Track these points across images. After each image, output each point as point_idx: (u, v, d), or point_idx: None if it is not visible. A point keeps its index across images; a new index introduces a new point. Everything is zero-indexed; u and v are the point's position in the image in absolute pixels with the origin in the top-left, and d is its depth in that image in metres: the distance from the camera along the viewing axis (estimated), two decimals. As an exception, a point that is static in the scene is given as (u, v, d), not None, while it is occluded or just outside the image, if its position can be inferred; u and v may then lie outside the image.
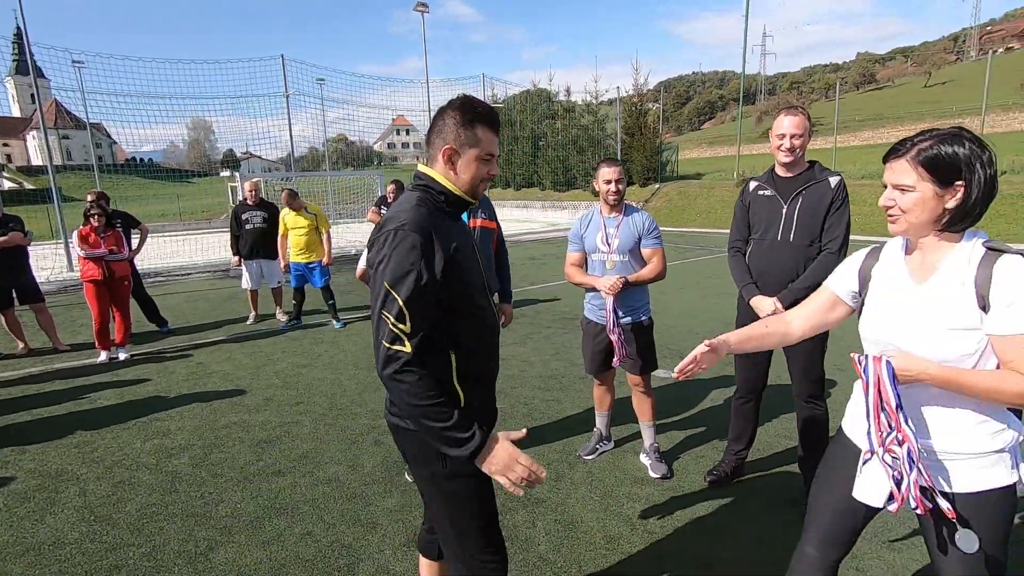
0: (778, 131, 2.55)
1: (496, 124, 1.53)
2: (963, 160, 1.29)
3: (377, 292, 1.39)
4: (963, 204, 1.31)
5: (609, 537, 2.61)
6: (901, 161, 1.35)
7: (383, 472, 3.27)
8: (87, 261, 5.48)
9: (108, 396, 4.65)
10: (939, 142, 1.31)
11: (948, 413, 1.37)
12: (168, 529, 2.76)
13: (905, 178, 1.34)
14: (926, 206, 1.32)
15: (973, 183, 1.29)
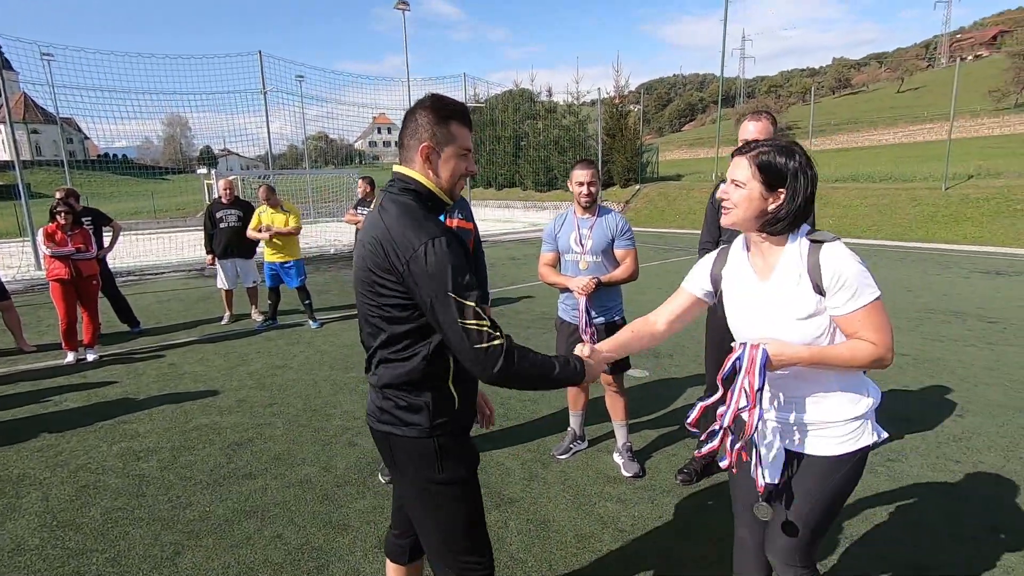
0: (743, 136, 2.59)
1: (468, 119, 1.54)
2: (790, 171, 1.45)
3: (442, 307, 1.35)
4: (779, 209, 1.47)
5: (580, 536, 2.62)
6: (742, 158, 1.50)
7: (356, 473, 3.25)
8: (53, 260, 5.35)
9: (74, 398, 4.54)
10: (775, 151, 1.47)
11: (814, 387, 1.53)
12: (133, 534, 2.71)
13: (740, 173, 1.49)
14: (752, 204, 1.47)
15: (792, 193, 1.45)
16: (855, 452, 1.53)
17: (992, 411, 3.88)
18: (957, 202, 14.25)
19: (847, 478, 1.54)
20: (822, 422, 1.53)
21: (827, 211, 16.10)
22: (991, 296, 7.46)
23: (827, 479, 1.53)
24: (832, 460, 1.53)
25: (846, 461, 1.53)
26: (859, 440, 1.53)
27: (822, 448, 1.54)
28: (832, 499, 1.55)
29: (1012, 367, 4.72)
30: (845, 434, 1.52)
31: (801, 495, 1.56)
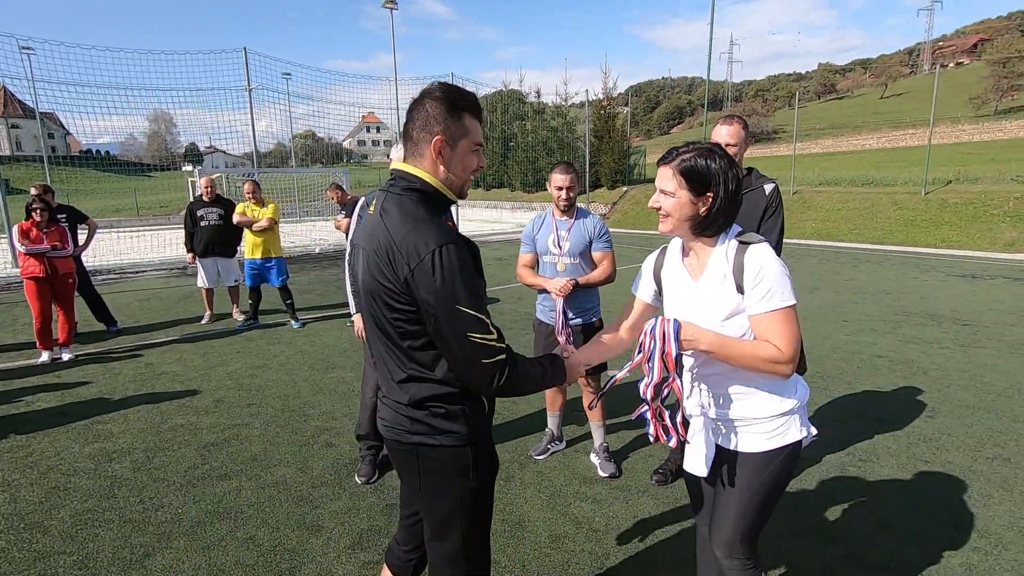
0: (715, 139, 2.62)
1: (480, 111, 1.45)
2: (712, 173, 1.48)
3: (449, 321, 1.29)
4: (710, 211, 1.51)
5: (554, 536, 2.64)
6: (667, 168, 1.54)
7: (332, 474, 3.23)
8: (28, 257, 5.26)
9: (47, 398, 4.47)
10: (696, 155, 1.50)
11: (740, 383, 1.57)
12: (103, 536, 2.67)
13: (667, 184, 1.53)
14: (683, 210, 1.52)
15: (719, 195, 1.49)
16: (783, 448, 1.57)
17: (962, 412, 3.95)
18: (936, 207, 14.50)
19: (778, 473, 1.59)
20: (749, 418, 1.58)
21: (810, 215, 16.31)
22: (966, 299, 7.61)
23: (758, 474, 1.58)
24: (761, 456, 1.58)
25: (775, 456, 1.57)
26: (785, 436, 1.57)
27: (750, 444, 1.59)
28: (766, 493, 1.60)
29: (983, 369, 4.82)
30: (771, 430, 1.57)
31: (737, 491, 1.61)
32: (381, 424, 1.56)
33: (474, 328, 1.30)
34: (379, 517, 2.79)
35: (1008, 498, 2.88)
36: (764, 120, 51.66)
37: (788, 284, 1.46)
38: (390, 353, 1.45)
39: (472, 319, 1.30)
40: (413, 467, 1.49)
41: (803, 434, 1.59)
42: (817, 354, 5.32)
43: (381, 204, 1.41)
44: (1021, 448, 3.41)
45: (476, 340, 1.31)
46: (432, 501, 1.50)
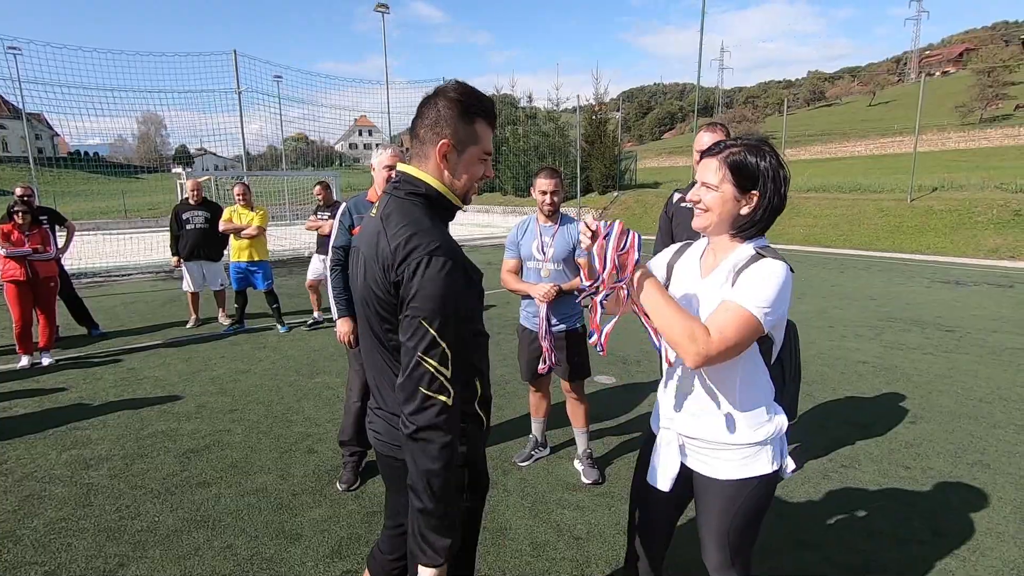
0: (698, 146, 2.63)
1: (495, 118, 1.37)
2: (762, 172, 1.39)
3: (410, 330, 1.20)
4: (754, 212, 1.42)
5: (536, 544, 2.62)
6: (713, 159, 1.43)
7: (314, 481, 3.20)
8: (8, 260, 5.18)
9: (25, 404, 4.39)
10: (747, 151, 1.40)
11: (713, 404, 1.49)
12: (76, 545, 2.62)
13: (711, 176, 1.42)
14: (725, 207, 1.42)
15: (766, 195, 1.40)
16: (754, 479, 1.48)
17: (943, 418, 3.99)
18: (922, 213, 14.67)
19: (752, 503, 1.50)
20: (718, 442, 1.49)
21: (798, 220, 16.44)
22: (950, 305, 7.69)
23: (732, 503, 1.50)
24: (732, 483, 1.49)
25: (746, 485, 1.48)
26: (754, 466, 1.48)
27: (719, 470, 1.50)
28: (743, 522, 1.52)
29: (964, 375, 4.87)
30: (742, 458, 1.48)
31: (714, 518, 1.54)
32: (373, 437, 1.49)
33: (431, 351, 1.19)
34: (359, 525, 2.76)
35: (987, 504, 2.90)
36: (754, 127, 52.13)
37: (771, 298, 1.33)
38: (386, 363, 1.37)
39: (431, 341, 1.19)
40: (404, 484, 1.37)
41: (775, 466, 1.49)
42: (801, 359, 5.34)
43: (383, 207, 1.35)
44: (1001, 454, 3.44)
45: (425, 364, 1.19)
46: None
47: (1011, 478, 3.14)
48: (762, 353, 1.47)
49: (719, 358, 1.31)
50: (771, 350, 1.49)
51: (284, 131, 24.23)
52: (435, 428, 1.19)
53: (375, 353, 1.41)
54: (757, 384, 1.48)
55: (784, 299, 1.37)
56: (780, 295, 1.35)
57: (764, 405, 1.50)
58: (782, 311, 1.38)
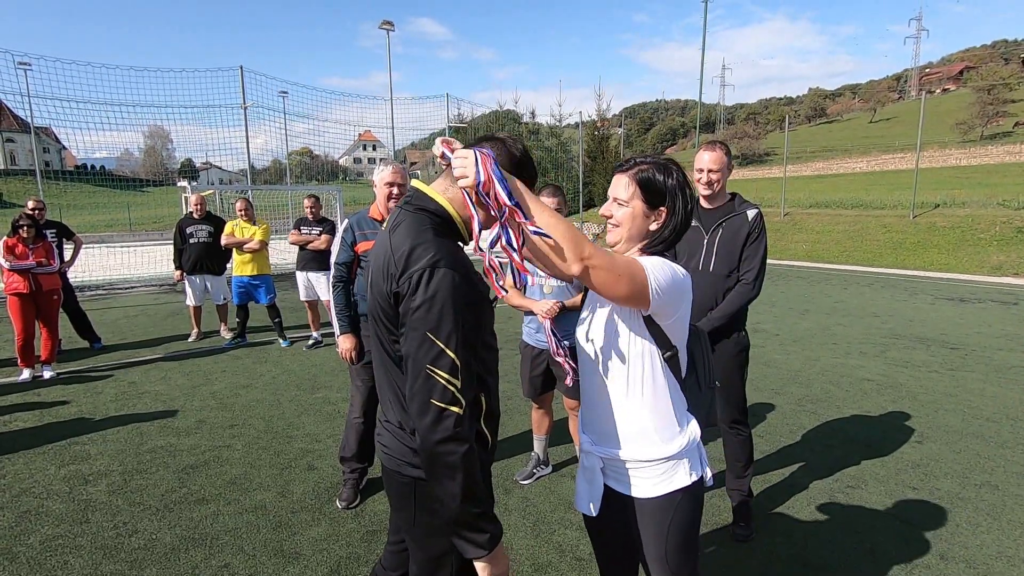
0: (697, 165, 2.64)
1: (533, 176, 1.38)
2: (669, 189, 1.43)
3: (415, 343, 1.20)
4: (662, 229, 1.46)
5: (537, 565, 2.58)
6: (623, 175, 1.47)
7: (313, 499, 3.17)
8: (12, 273, 5.20)
9: (26, 418, 4.38)
10: (655, 168, 1.44)
11: (625, 423, 1.47)
12: (72, 563, 2.59)
13: (622, 192, 1.46)
14: (635, 222, 1.45)
15: (674, 211, 1.44)
16: (675, 492, 1.46)
17: (950, 437, 3.94)
18: (924, 230, 14.68)
19: (682, 518, 1.48)
20: (635, 460, 1.47)
21: (800, 236, 16.45)
22: (955, 323, 7.65)
23: (663, 522, 1.47)
24: (657, 501, 1.46)
25: (672, 500, 1.46)
26: (673, 480, 1.46)
27: (641, 489, 1.48)
28: (679, 539, 1.48)
29: (971, 393, 4.82)
30: (658, 474, 1.46)
31: (651, 540, 1.50)
32: (380, 450, 1.47)
33: (441, 363, 1.19)
34: (359, 545, 2.73)
35: (996, 526, 2.86)
36: (756, 143, 52.43)
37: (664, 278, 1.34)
38: (393, 376, 1.37)
39: (439, 352, 1.19)
40: (409, 502, 1.38)
41: (694, 478, 1.47)
42: (805, 377, 5.31)
43: (392, 220, 1.36)
44: (1009, 475, 3.39)
45: (433, 374, 1.19)
46: (425, 539, 1.39)
47: (1020, 499, 3.09)
48: (670, 368, 1.46)
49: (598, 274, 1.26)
50: (678, 364, 1.47)
51: (289, 145, 24.45)
52: (454, 439, 1.18)
53: (383, 367, 1.41)
54: (667, 398, 1.47)
55: (677, 293, 1.38)
56: (674, 285, 1.36)
57: (676, 418, 1.48)
58: (673, 302, 1.38)
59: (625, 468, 1.49)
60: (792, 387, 5.02)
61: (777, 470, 3.49)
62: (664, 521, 1.47)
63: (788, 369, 5.57)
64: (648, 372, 1.43)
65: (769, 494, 3.20)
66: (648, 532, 1.49)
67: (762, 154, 51.08)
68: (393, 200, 2.99)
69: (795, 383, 5.14)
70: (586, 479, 1.56)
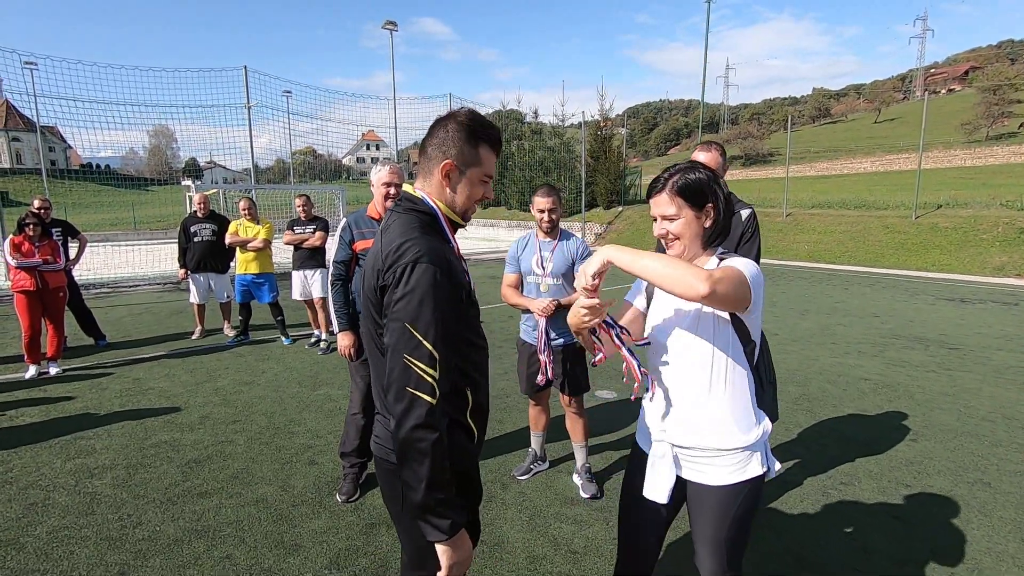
0: (692, 166, 2.68)
1: (499, 145, 1.46)
2: (706, 185, 1.52)
3: (395, 333, 1.26)
4: (716, 222, 1.54)
5: (532, 557, 2.63)
6: (662, 195, 1.55)
7: (314, 493, 3.22)
8: (19, 271, 5.28)
9: (32, 413, 4.45)
10: (684, 174, 1.54)
11: (708, 413, 1.55)
12: (78, 553, 2.65)
13: (668, 209, 1.54)
14: (691, 228, 1.54)
15: (717, 201, 1.53)
16: (746, 482, 1.55)
17: (944, 436, 3.97)
18: (927, 230, 14.64)
19: (744, 506, 1.57)
20: (712, 449, 1.55)
21: (803, 237, 16.44)
22: (954, 323, 7.66)
23: (728, 509, 1.56)
24: (725, 489, 1.55)
25: (740, 490, 1.55)
26: (746, 470, 1.55)
27: (714, 477, 1.56)
28: (737, 527, 1.58)
29: (967, 393, 4.85)
30: (734, 463, 1.55)
31: (710, 526, 1.58)
32: (373, 440, 1.52)
33: (415, 353, 1.24)
34: (358, 537, 2.78)
35: (987, 523, 2.89)
36: (759, 143, 52.32)
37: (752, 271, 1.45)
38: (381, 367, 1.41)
39: (416, 343, 1.24)
40: (396, 490, 1.41)
41: (764, 468, 1.58)
42: (803, 376, 5.34)
43: (385, 221, 1.45)
44: (1002, 473, 3.42)
45: (410, 364, 1.24)
46: (412, 528, 1.39)
47: (1012, 497, 3.13)
48: (746, 356, 1.54)
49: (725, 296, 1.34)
50: (753, 352, 1.56)
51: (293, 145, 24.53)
52: (425, 427, 1.24)
53: (374, 358, 1.47)
54: (743, 388, 1.55)
55: (761, 288, 1.48)
56: (760, 281, 1.47)
57: (753, 410, 1.57)
58: (759, 297, 1.48)
59: (701, 457, 1.57)
60: (789, 386, 5.05)
61: (772, 467, 3.53)
62: (731, 508, 1.56)
63: (786, 368, 5.60)
64: (731, 364, 1.52)
65: (764, 491, 3.23)
66: (710, 517, 1.57)
67: (766, 154, 50.96)
68: (390, 199, 3.04)
69: (792, 382, 5.17)
70: (658, 468, 1.61)
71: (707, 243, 1.57)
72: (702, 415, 1.55)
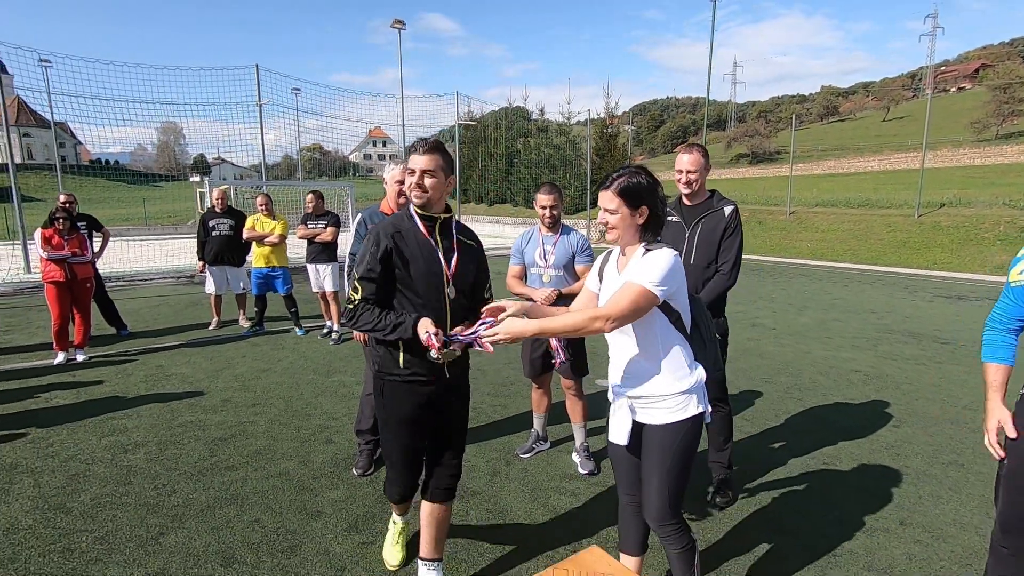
0: (678, 167, 2.92)
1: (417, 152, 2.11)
2: (644, 189, 1.86)
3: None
4: (648, 221, 1.88)
5: (533, 524, 2.87)
6: (607, 192, 1.89)
7: (332, 467, 3.48)
8: (49, 263, 5.56)
9: (64, 396, 4.73)
10: (628, 177, 1.86)
11: (647, 368, 1.92)
12: (120, 517, 2.92)
13: (610, 204, 1.89)
14: (625, 223, 1.89)
15: (655, 206, 1.87)
16: (685, 420, 1.90)
17: (926, 423, 4.19)
18: (929, 229, 14.78)
19: (685, 443, 1.92)
20: (655, 395, 1.91)
21: (805, 235, 16.58)
22: (950, 319, 7.84)
23: (668, 446, 1.91)
24: (668, 427, 1.90)
25: (679, 428, 1.90)
26: (686, 410, 1.90)
27: (658, 418, 1.92)
28: (680, 462, 1.92)
29: (953, 384, 5.05)
30: (674, 406, 1.90)
31: (656, 464, 1.93)
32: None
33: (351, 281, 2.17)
34: (374, 505, 3.03)
35: (956, 498, 3.11)
36: (766, 141, 52.22)
37: (661, 276, 1.77)
38: None
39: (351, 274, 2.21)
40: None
41: (701, 409, 1.92)
42: (796, 367, 5.56)
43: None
44: (976, 455, 3.64)
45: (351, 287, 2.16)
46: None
47: (982, 476, 3.34)
48: (674, 325, 1.90)
49: (623, 320, 1.76)
50: (681, 321, 1.92)
51: (300, 141, 24.80)
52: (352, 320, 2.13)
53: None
54: (675, 348, 1.91)
55: (672, 277, 1.80)
56: (669, 273, 1.79)
57: (685, 363, 1.92)
58: (675, 285, 1.83)
59: (649, 402, 1.92)
60: (782, 376, 5.27)
61: (758, 449, 3.76)
62: (673, 442, 1.91)
63: (780, 360, 5.82)
64: (662, 331, 1.89)
65: (749, 470, 3.46)
66: (658, 451, 1.92)
67: (773, 152, 50.86)
68: (402, 196, 3.28)
69: (785, 373, 5.39)
70: (619, 416, 1.99)
71: (641, 236, 1.90)
72: (645, 369, 1.92)
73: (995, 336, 1.97)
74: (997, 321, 1.97)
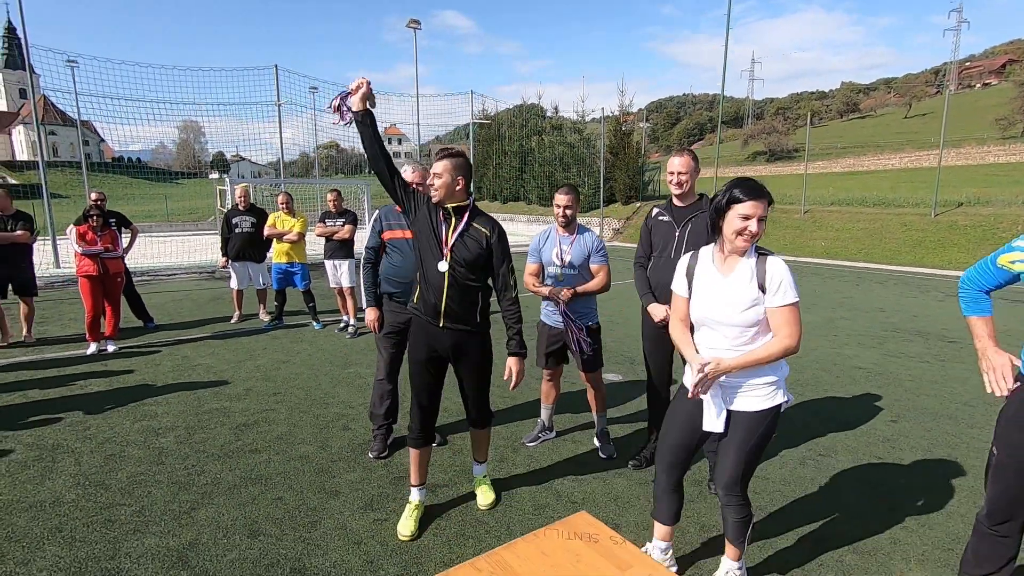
0: (669, 169, 3.09)
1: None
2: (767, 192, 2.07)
3: None
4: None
5: (537, 506, 3.05)
6: (764, 201, 2.03)
7: (349, 452, 3.69)
8: (83, 257, 5.85)
9: (98, 383, 5.02)
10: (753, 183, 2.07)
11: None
12: (155, 493, 3.16)
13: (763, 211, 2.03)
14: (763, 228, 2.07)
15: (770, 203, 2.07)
16: (772, 408, 2.11)
17: (924, 418, 4.28)
18: (945, 228, 14.64)
19: (768, 427, 2.14)
20: (749, 383, 2.11)
21: (819, 234, 16.51)
22: (959, 318, 7.77)
23: (755, 429, 2.12)
24: (757, 414, 2.11)
25: (767, 415, 2.11)
26: (775, 399, 2.11)
27: (749, 405, 2.12)
28: (759, 444, 2.14)
29: (955, 381, 5.12)
30: (766, 394, 2.11)
31: (739, 442, 2.14)
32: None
33: None
34: (388, 486, 3.24)
35: (946, 489, 3.23)
36: (784, 139, 51.65)
37: (794, 284, 2.01)
38: None
39: None
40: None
41: (785, 398, 2.13)
42: (799, 364, 5.66)
43: None
44: (971, 450, 3.74)
45: None
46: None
47: (974, 469, 3.45)
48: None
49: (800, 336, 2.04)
50: None
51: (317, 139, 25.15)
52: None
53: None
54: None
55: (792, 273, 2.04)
56: (792, 276, 2.04)
57: None
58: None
59: (743, 390, 2.11)
60: (786, 373, 5.38)
61: (758, 441, 3.89)
62: (759, 427, 2.11)
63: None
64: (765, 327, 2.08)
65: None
66: (744, 431, 2.12)
67: (791, 150, 50.29)
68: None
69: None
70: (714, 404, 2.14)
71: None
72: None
73: (973, 294, 2.16)
74: (974, 282, 2.15)
